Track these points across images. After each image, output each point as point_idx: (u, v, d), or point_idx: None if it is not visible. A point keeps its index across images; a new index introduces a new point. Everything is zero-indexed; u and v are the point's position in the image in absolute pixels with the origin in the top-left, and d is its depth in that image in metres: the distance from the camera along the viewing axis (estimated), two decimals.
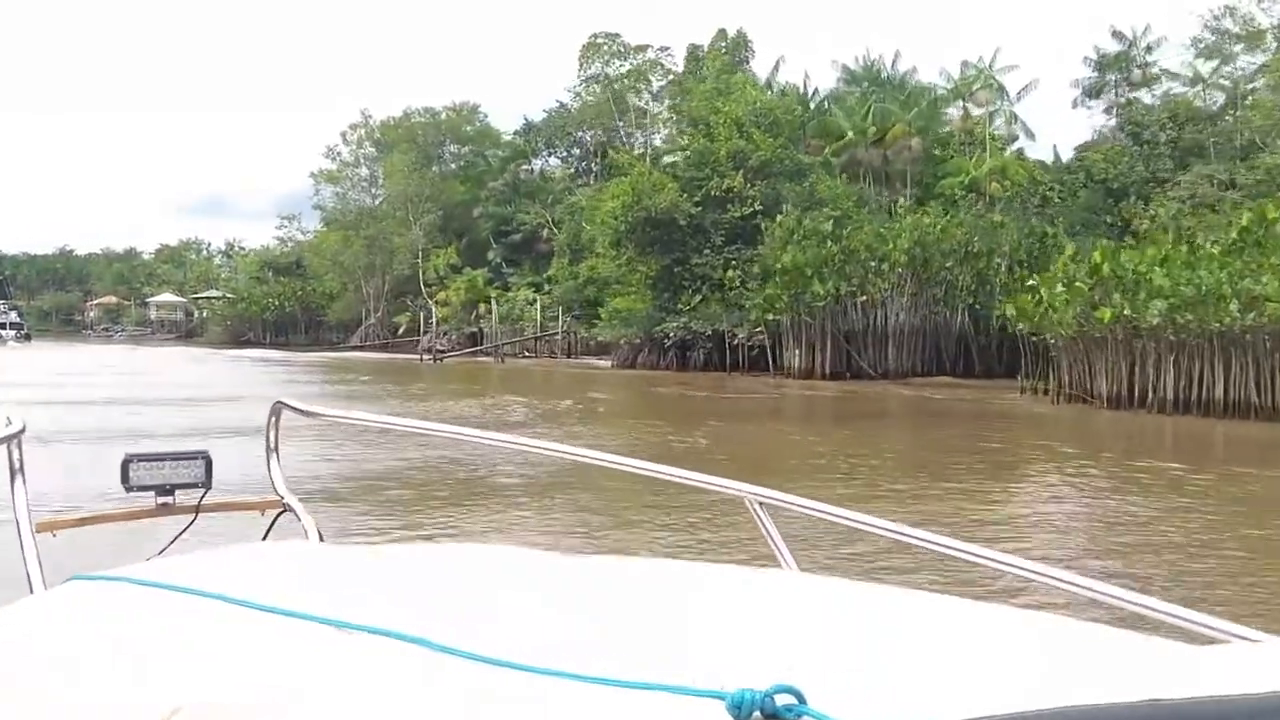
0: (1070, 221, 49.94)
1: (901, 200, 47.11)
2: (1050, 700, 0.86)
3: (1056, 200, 53.36)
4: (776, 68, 57.80)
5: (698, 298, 46.32)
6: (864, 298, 41.37)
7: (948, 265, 42.34)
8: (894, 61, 56.56)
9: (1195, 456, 19.59)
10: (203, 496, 2.57)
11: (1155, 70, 58.24)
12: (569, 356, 59.72)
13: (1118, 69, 59.86)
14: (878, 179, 53.74)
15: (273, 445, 2.68)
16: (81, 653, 1.26)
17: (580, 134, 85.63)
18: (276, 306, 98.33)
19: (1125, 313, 26.26)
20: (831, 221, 41.61)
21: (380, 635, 1.16)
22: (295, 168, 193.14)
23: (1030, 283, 30.51)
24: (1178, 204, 49.89)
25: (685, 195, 46.24)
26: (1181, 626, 1.49)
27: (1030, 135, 59.46)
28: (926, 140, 53.08)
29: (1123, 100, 59.97)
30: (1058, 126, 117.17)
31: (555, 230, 74.02)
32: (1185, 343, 25.25)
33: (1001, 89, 54.29)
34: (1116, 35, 57.81)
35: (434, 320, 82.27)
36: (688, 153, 47.86)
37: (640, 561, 1.79)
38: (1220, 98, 55.27)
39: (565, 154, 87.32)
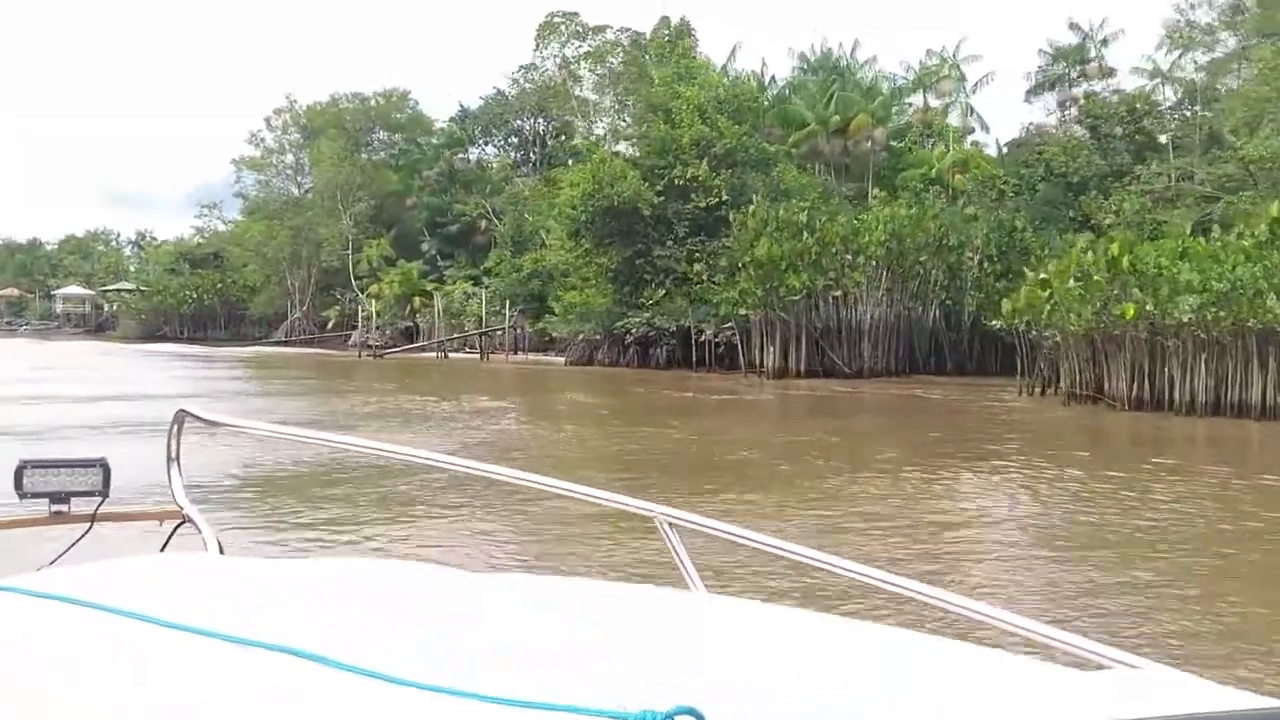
0: (1030, 215, 48.88)
1: (876, 191, 45.40)
2: None
3: (1011, 194, 52.34)
4: (733, 54, 55.86)
5: (661, 292, 44.12)
6: (838, 292, 39.58)
7: (921, 259, 40.77)
8: (853, 50, 55.03)
9: None
10: (99, 505, 2.44)
11: (1110, 64, 57.56)
12: (515, 353, 57.04)
13: (1072, 62, 59.12)
14: (838, 170, 52.12)
15: (173, 454, 2.42)
16: None
17: (519, 122, 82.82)
18: (194, 300, 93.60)
19: (1148, 309, 24.72)
20: (805, 212, 39.70)
21: (279, 652, 1.12)
22: (213, 157, 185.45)
23: (1042, 276, 28.84)
24: (1139, 198, 49.08)
25: (647, 185, 43.99)
26: (1068, 651, 1.51)
27: (985, 128, 58.44)
28: (887, 131, 51.59)
29: (1079, 93, 59.28)
30: (1009, 120, 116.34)
31: (496, 221, 71.19)
32: (1216, 341, 23.79)
33: (963, 79, 53.03)
34: (1074, 27, 57.03)
35: (369, 315, 78.85)
36: (648, 140, 45.56)
37: (546, 580, 1.79)
38: (1173, 94, 54.76)
39: (503, 143, 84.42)
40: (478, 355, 58.58)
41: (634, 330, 44.29)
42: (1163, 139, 54.78)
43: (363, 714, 1.00)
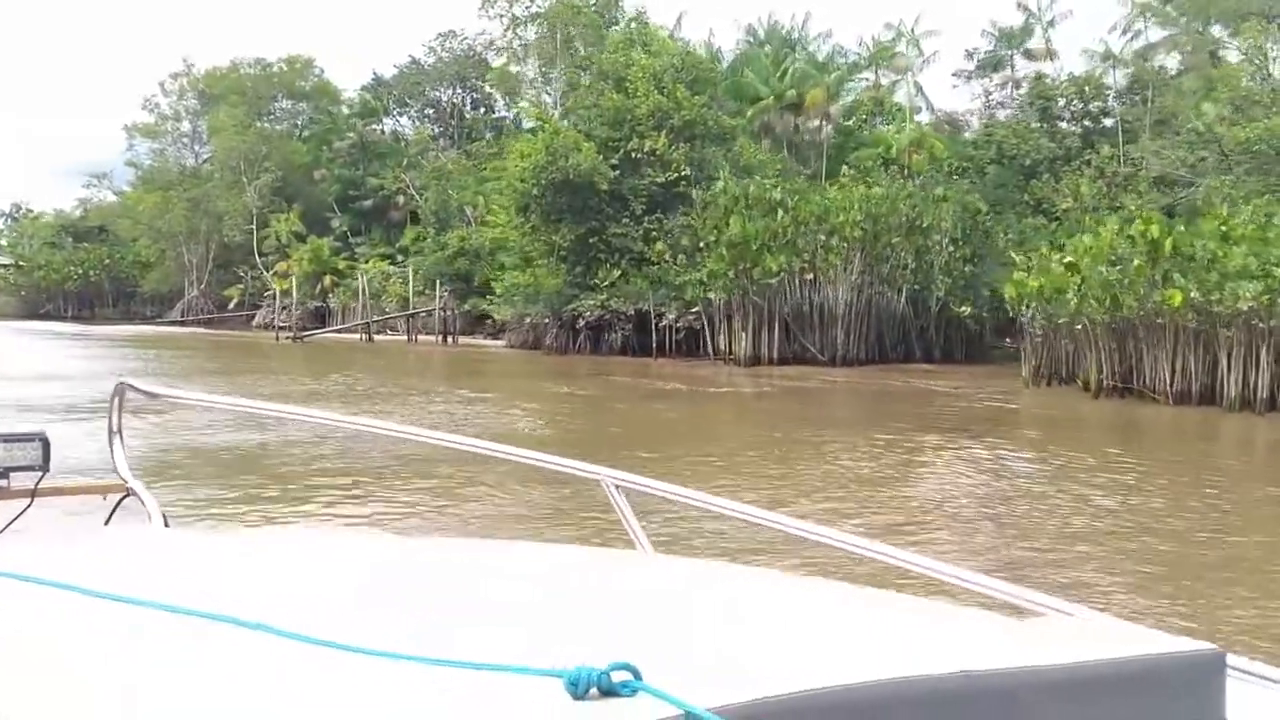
0: (984, 198, 47.27)
1: (847, 170, 42.97)
2: (871, 673, 0.95)
3: (960, 177, 50.69)
4: (679, 24, 52.90)
5: (616, 273, 41.05)
6: (809, 275, 37.12)
7: (894, 241, 38.59)
8: (805, 22, 52.51)
9: None
10: (39, 480, 2.39)
11: (1054, 47, 56.37)
12: (445, 337, 53.30)
13: (1016, 44, 57.80)
14: (789, 148, 49.64)
15: (115, 427, 2.41)
16: None
17: (436, 93, 78.44)
18: (80, 276, 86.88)
19: (1195, 295, 22.74)
20: (778, 188, 37.10)
21: (225, 622, 1.11)
22: (102, 123, 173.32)
23: (1068, 259, 26.68)
24: (1093, 183, 47.81)
25: (601, 158, 40.83)
26: (1005, 601, 1.53)
27: (930, 108, 56.71)
28: (841, 107, 49.34)
29: (1020, 76, 58.05)
30: (945, 100, 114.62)
31: (416, 197, 66.99)
32: (1271, 331, 21.92)
33: (921, 55, 51.06)
34: (1021, 7, 55.59)
35: (274, 294, 73.76)
36: (600, 110, 42.32)
37: (490, 543, 1.80)
38: (1123, 77, 53.77)
39: (418, 114, 79.92)
40: (404, 338, 54.59)
41: (586, 314, 41.15)
42: (1108, 122, 53.81)
43: (308, 681, 0.99)
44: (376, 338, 54.58)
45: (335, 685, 0.99)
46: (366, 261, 72.39)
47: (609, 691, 0.90)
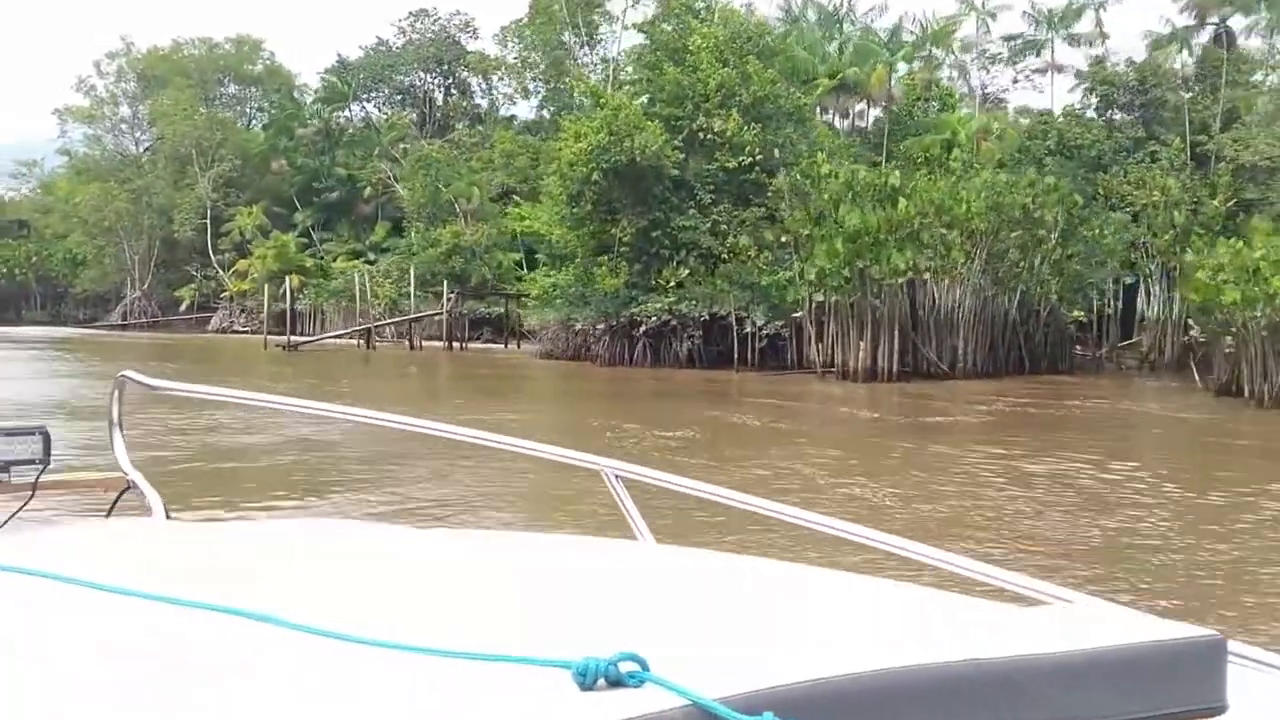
0: None
1: (960, 157, 37.22)
2: (879, 662, 0.94)
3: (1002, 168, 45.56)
4: None
5: (684, 271, 34.80)
6: (926, 275, 31.36)
7: (1012, 235, 33.08)
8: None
9: None
10: (40, 474, 2.33)
11: (1107, 29, 51.59)
12: (453, 342, 46.38)
13: (1059, 26, 52.88)
14: (844, 133, 43.90)
15: (115, 419, 2.34)
16: None
17: (405, 78, 70.94)
18: (4, 274, 77.24)
19: None
20: (897, 174, 31.27)
21: (228, 614, 1.10)
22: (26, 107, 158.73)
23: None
24: (1165, 177, 42.99)
25: (666, 139, 34.56)
26: (1006, 589, 1.51)
27: (973, 94, 51.56)
28: (904, 88, 43.72)
29: (1060, 61, 53.25)
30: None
31: (397, 188, 59.62)
32: None
33: (989, 32, 45.65)
34: None
35: (229, 295, 65.60)
36: (660, 85, 36.00)
37: (495, 534, 1.80)
38: (1191, 61, 49.16)
39: (385, 101, 72.24)
40: (404, 344, 47.45)
41: (648, 319, 34.76)
42: (1165, 113, 49.12)
43: (313, 672, 0.98)
44: (377, 346, 47.14)
45: (340, 677, 0.96)
46: (334, 260, 64.85)
47: (616, 682, 0.88)
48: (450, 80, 70.90)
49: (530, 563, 1.53)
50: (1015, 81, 54.90)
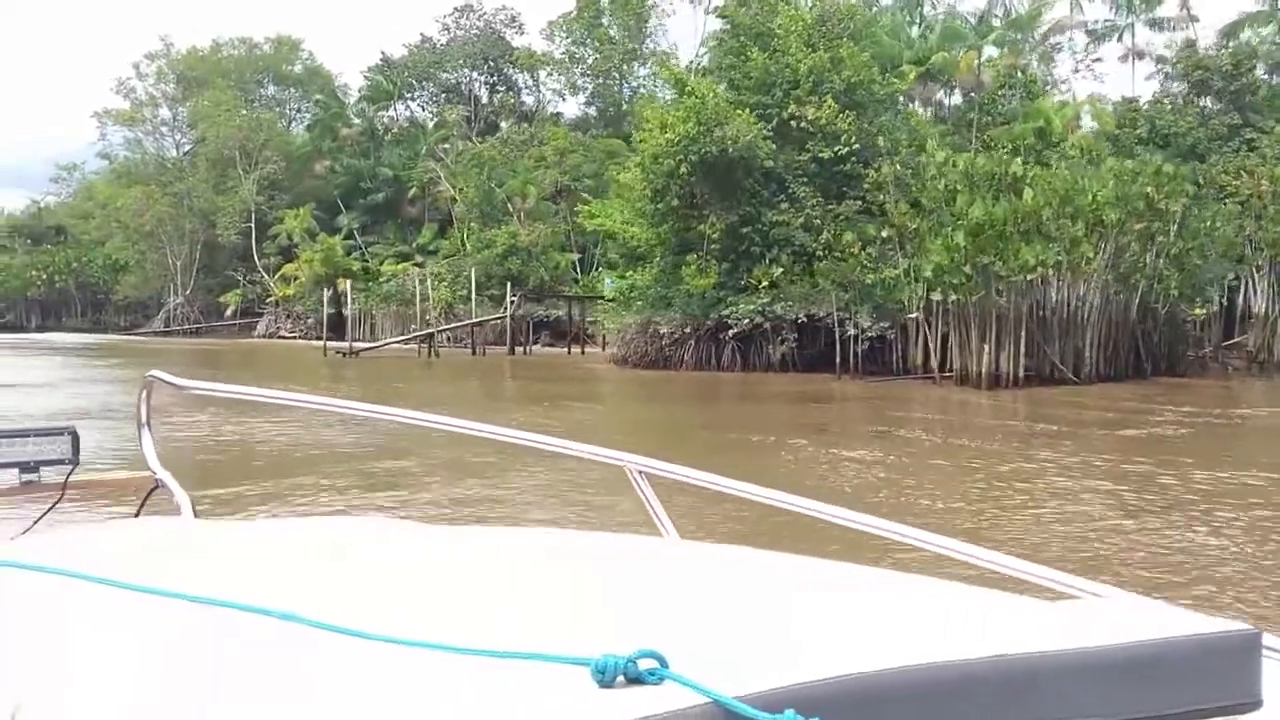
0: None
1: (1080, 144, 34.49)
2: (904, 658, 0.91)
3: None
4: None
5: (777, 270, 32.21)
6: (1049, 270, 28.65)
7: (1139, 228, 30.33)
8: None
9: None
10: (70, 473, 2.35)
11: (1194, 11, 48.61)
12: (514, 347, 44.00)
13: (1141, 10, 49.98)
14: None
15: (144, 419, 2.33)
16: None
17: (450, 75, 68.62)
18: (44, 282, 75.44)
19: None
20: (1018, 161, 28.61)
21: (256, 613, 1.10)
22: (54, 112, 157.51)
23: None
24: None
25: (759, 128, 32.01)
26: (1032, 583, 1.49)
27: (1053, 83, 48.74)
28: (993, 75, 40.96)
29: (1147, 45, 50.36)
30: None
31: (450, 187, 57.28)
32: None
33: (1084, 15, 42.85)
34: None
35: (274, 300, 63.47)
36: (746, 71, 33.42)
37: (516, 531, 1.78)
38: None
39: (428, 99, 69.99)
40: (469, 350, 45.06)
41: (739, 321, 32.17)
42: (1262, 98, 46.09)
43: (337, 670, 0.98)
44: (437, 352, 44.73)
45: (363, 674, 0.96)
46: (381, 263, 62.59)
47: (636, 679, 0.87)
48: (496, 77, 68.64)
49: (552, 559, 1.50)
50: (1075, 71, 52.25)
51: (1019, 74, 44.38)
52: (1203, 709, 1.01)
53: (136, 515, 2.19)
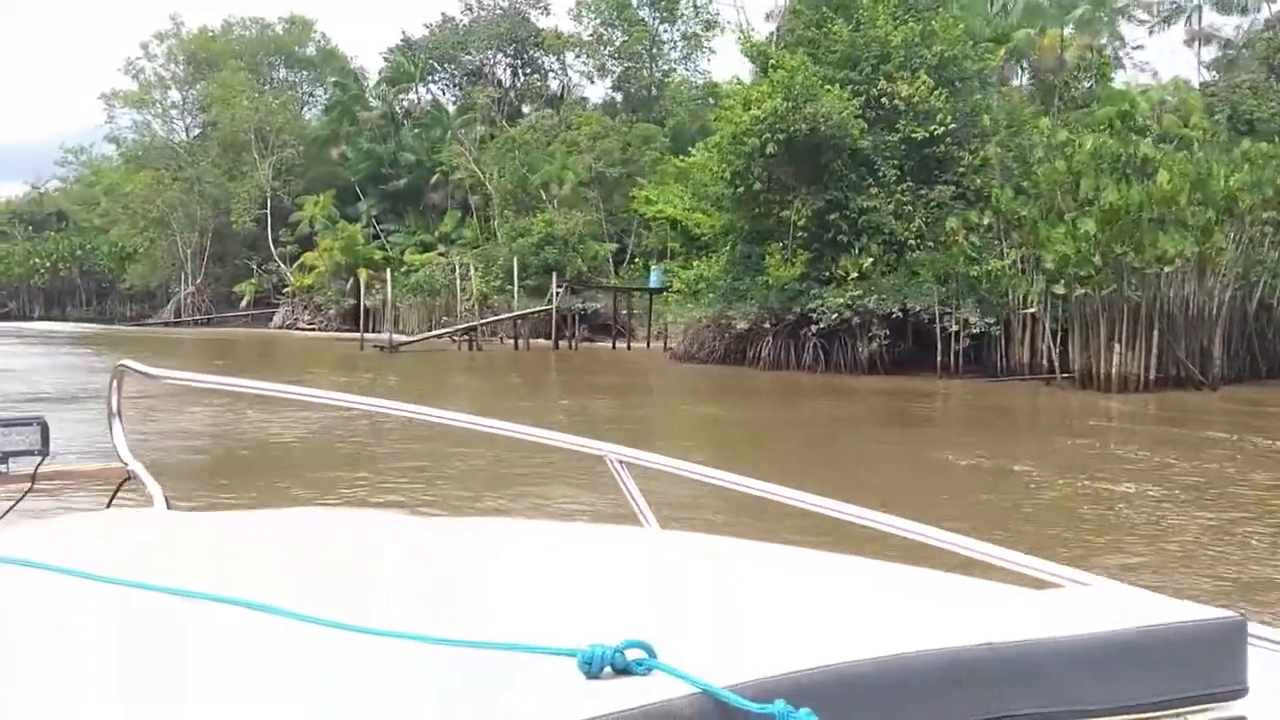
0: None
1: (1200, 126, 31.76)
2: (892, 647, 0.92)
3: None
4: None
5: (867, 260, 29.43)
6: (1179, 262, 25.93)
7: (1265, 215, 27.66)
8: None
9: None
10: (39, 464, 2.24)
11: None
12: (559, 340, 41.18)
13: None
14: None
15: (115, 409, 2.29)
16: None
17: (472, 56, 65.52)
18: (48, 270, 72.18)
19: None
20: (1148, 142, 25.89)
21: (228, 604, 1.08)
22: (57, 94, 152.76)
23: None
24: None
25: (850, 105, 29.18)
26: (1019, 572, 1.48)
27: (1122, 66, 45.99)
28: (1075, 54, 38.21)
29: (1212, 26, 47.72)
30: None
31: (479, 173, 54.26)
32: None
33: None
34: None
35: (291, 290, 60.42)
36: (831, 44, 30.59)
37: (499, 521, 1.66)
38: None
39: (450, 82, 66.88)
40: (512, 344, 42.13)
41: (825, 315, 29.36)
42: None
43: (316, 663, 0.96)
44: (480, 345, 41.72)
45: (344, 667, 0.94)
46: (403, 252, 59.53)
47: (623, 670, 0.86)
48: (521, 60, 65.56)
49: (535, 550, 1.48)
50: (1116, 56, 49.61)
51: (1094, 54, 41.66)
52: (1189, 695, 1.00)
53: (108, 507, 2.12)
